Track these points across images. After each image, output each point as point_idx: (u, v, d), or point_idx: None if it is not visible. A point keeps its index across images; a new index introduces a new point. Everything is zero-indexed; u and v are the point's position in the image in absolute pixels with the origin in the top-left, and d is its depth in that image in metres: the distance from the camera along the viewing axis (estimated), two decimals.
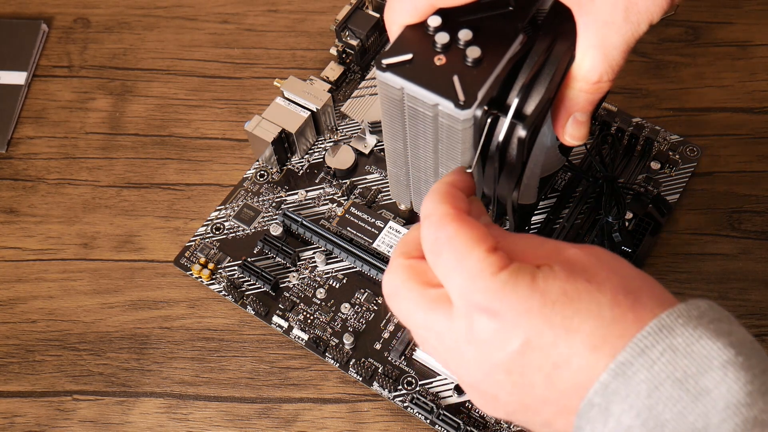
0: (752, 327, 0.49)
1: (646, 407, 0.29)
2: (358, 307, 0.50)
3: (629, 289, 0.31)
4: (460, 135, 0.37)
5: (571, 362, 0.30)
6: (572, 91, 0.37)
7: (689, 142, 0.55)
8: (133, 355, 0.50)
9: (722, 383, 0.28)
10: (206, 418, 0.48)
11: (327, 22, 0.64)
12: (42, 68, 0.63)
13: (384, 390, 0.47)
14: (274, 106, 0.55)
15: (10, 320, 0.52)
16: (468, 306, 0.32)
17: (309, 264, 0.52)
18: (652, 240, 0.51)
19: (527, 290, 0.31)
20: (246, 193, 0.55)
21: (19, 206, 0.56)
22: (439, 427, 0.46)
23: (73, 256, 0.54)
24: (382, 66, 0.37)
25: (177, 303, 0.52)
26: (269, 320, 0.50)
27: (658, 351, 0.29)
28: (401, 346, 0.49)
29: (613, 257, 0.33)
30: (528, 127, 0.36)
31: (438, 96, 0.36)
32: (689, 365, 0.29)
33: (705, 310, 0.31)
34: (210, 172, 0.57)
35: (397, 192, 0.47)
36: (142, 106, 0.61)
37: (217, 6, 0.66)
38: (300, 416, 0.48)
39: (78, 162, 0.58)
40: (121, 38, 0.64)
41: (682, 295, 0.50)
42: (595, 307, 0.30)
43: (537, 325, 0.30)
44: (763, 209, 0.53)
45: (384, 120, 0.41)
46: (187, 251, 0.53)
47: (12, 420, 0.48)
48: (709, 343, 0.29)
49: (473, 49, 0.37)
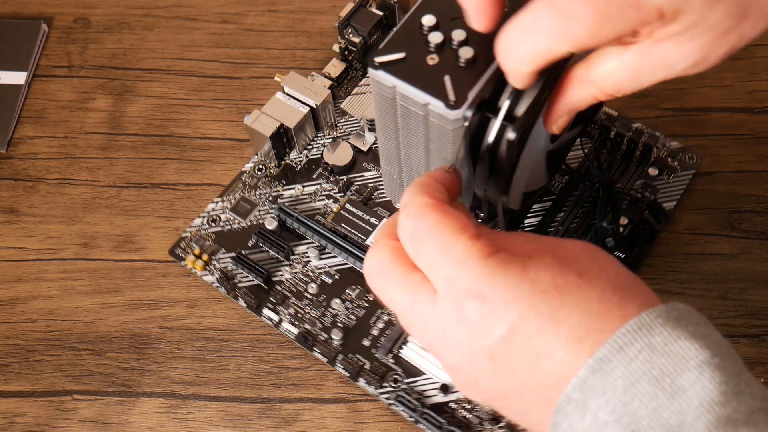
0: (752, 327, 0.49)
1: (621, 403, 0.29)
2: (349, 304, 0.51)
3: (618, 286, 0.32)
4: (450, 135, 0.37)
5: (555, 353, 0.30)
6: (579, 91, 0.36)
7: (689, 149, 0.55)
8: (133, 355, 0.50)
9: (698, 382, 0.29)
10: (206, 418, 0.48)
11: (327, 21, 0.64)
12: (42, 68, 0.63)
13: (370, 386, 0.48)
14: (273, 101, 0.55)
15: (10, 320, 0.52)
16: (456, 291, 0.32)
17: (302, 259, 0.52)
18: (646, 246, 0.51)
19: (517, 278, 0.31)
20: (244, 187, 0.56)
21: (19, 206, 0.56)
22: (423, 425, 0.46)
23: (73, 256, 0.54)
24: (374, 64, 0.37)
25: (177, 303, 0.52)
26: (260, 313, 0.51)
27: (636, 349, 0.29)
28: (389, 343, 0.49)
29: (606, 255, 0.34)
30: (518, 129, 0.36)
31: (429, 95, 0.36)
32: (666, 364, 0.29)
33: (684, 312, 0.31)
34: (210, 172, 0.57)
35: (391, 190, 0.47)
36: (142, 106, 0.61)
37: (217, 6, 0.66)
38: (300, 416, 0.48)
39: (78, 162, 0.58)
40: (121, 38, 0.64)
41: (682, 295, 0.50)
42: (583, 301, 0.31)
43: (524, 313, 0.31)
44: (763, 209, 0.53)
45: (377, 118, 0.41)
46: (183, 242, 0.54)
47: (12, 420, 0.48)
48: (686, 344, 0.29)
49: (466, 49, 0.37)
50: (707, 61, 0.33)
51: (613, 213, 0.50)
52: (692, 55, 0.32)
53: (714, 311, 0.50)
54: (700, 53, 0.32)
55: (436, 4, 0.39)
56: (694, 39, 0.31)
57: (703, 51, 0.32)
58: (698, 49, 0.32)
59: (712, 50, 0.32)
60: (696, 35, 0.31)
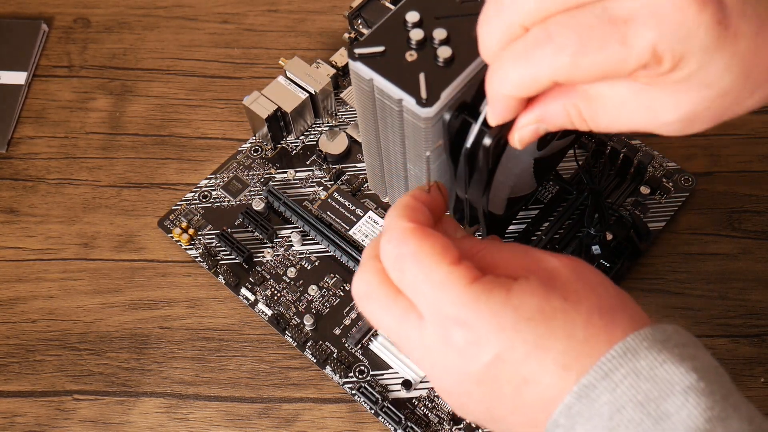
0: (752, 327, 0.49)
1: (608, 429, 0.29)
2: (326, 291, 0.51)
3: (605, 308, 0.31)
4: (423, 132, 0.37)
5: (541, 379, 0.31)
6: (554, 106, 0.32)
7: (684, 171, 0.54)
8: (133, 355, 0.50)
9: (683, 408, 0.29)
10: (206, 418, 0.48)
11: (327, 21, 0.64)
12: (42, 68, 0.63)
13: (335, 375, 0.48)
14: (275, 84, 0.56)
15: (11, 320, 0.52)
16: (441, 317, 0.32)
17: (285, 242, 0.53)
18: (628, 263, 0.50)
19: (501, 305, 0.31)
20: (238, 166, 0.56)
21: (19, 206, 0.56)
22: (382, 418, 0.46)
23: (74, 255, 0.54)
24: (354, 55, 0.38)
25: (177, 303, 0.52)
26: (237, 291, 0.51)
27: (621, 374, 0.29)
28: (359, 334, 0.49)
29: (593, 272, 0.33)
30: (494, 136, 0.35)
31: (402, 91, 0.36)
32: (651, 389, 0.29)
33: (671, 334, 0.31)
34: (210, 172, 0.57)
35: (374, 183, 0.47)
36: (142, 106, 0.61)
37: (217, 6, 0.66)
38: (300, 416, 0.48)
39: (78, 162, 0.58)
40: (121, 38, 0.64)
41: (682, 294, 0.50)
42: (569, 327, 0.31)
43: (509, 340, 0.31)
44: (763, 209, 0.53)
45: (358, 109, 0.41)
46: (172, 214, 0.55)
47: (12, 420, 0.48)
48: (672, 368, 0.29)
49: (445, 49, 0.37)
50: (693, 122, 0.30)
51: (601, 221, 0.49)
52: (681, 108, 0.30)
53: (714, 311, 0.50)
54: (690, 108, 0.30)
55: (425, 2, 0.39)
56: (689, 91, 0.29)
57: (695, 107, 0.30)
58: (690, 103, 0.30)
59: (703, 109, 0.30)
60: (692, 87, 0.29)
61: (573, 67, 0.29)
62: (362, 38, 0.38)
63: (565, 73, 0.29)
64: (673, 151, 0.56)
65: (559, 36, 0.29)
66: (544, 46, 0.29)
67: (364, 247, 0.52)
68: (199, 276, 0.53)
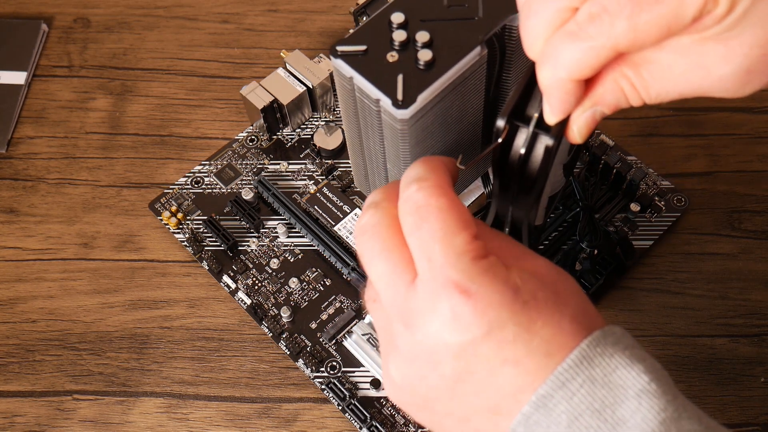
0: (752, 327, 0.49)
1: None
2: (306, 285, 0.52)
3: (582, 310, 0.32)
4: (399, 134, 0.37)
5: (522, 363, 0.30)
6: (609, 83, 0.32)
7: (679, 191, 0.53)
8: (133, 355, 0.50)
9: (637, 412, 0.29)
10: (206, 418, 0.48)
11: (327, 21, 0.64)
12: (42, 68, 0.63)
13: (307, 369, 0.48)
14: (273, 75, 0.56)
15: (10, 320, 0.52)
16: (441, 281, 0.31)
17: (271, 233, 0.53)
18: (611, 279, 0.50)
19: (502, 284, 0.31)
20: (232, 154, 0.57)
21: (19, 206, 0.56)
22: (348, 415, 0.47)
23: (73, 255, 0.54)
24: (336, 52, 0.38)
25: (177, 303, 0.52)
26: (219, 278, 0.52)
27: (577, 383, 0.30)
28: (334, 330, 0.49)
29: (572, 280, 0.34)
30: (555, 135, 0.34)
31: (380, 92, 0.36)
32: (607, 395, 0.29)
33: (620, 336, 0.31)
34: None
35: (359, 180, 0.47)
36: (142, 106, 0.61)
37: (217, 6, 0.66)
38: (300, 416, 0.48)
39: (78, 162, 0.58)
40: (121, 38, 0.64)
41: (682, 294, 0.50)
42: (557, 316, 0.31)
43: (503, 318, 0.30)
44: (763, 209, 0.53)
45: (341, 107, 0.41)
46: (164, 197, 0.55)
47: (12, 420, 0.48)
48: (624, 373, 0.30)
49: (426, 52, 0.37)
50: (750, 75, 0.29)
51: (593, 235, 0.49)
52: (735, 57, 0.29)
53: (714, 311, 0.50)
54: (744, 55, 0.29)
55: (412, 3, 0.38)
56: (741, 36, 0.28)
57: (749, 51, 0.29)
58: (743, 49, 0.28)
59: (758, 56, 0.29)
60: (745, 31, 0.28)
61: (631, 31, 0.28)
62: (346, 36, 0.38)
63: (624, 40, 0.28)
64: (674, 152, 0.56)
65: (612, 3, 0.28)
66: (599, 17, 0.28)
67: (348, 244, 0.52)
68: (199, 276, 0.53)
